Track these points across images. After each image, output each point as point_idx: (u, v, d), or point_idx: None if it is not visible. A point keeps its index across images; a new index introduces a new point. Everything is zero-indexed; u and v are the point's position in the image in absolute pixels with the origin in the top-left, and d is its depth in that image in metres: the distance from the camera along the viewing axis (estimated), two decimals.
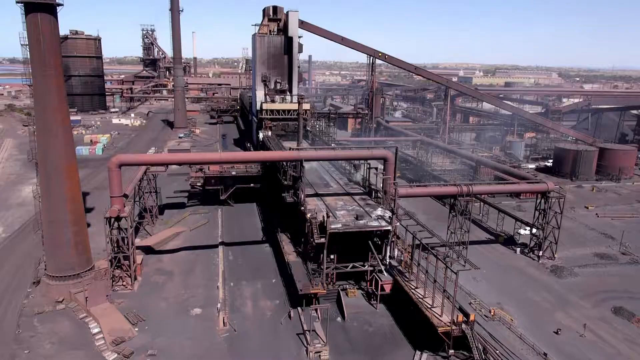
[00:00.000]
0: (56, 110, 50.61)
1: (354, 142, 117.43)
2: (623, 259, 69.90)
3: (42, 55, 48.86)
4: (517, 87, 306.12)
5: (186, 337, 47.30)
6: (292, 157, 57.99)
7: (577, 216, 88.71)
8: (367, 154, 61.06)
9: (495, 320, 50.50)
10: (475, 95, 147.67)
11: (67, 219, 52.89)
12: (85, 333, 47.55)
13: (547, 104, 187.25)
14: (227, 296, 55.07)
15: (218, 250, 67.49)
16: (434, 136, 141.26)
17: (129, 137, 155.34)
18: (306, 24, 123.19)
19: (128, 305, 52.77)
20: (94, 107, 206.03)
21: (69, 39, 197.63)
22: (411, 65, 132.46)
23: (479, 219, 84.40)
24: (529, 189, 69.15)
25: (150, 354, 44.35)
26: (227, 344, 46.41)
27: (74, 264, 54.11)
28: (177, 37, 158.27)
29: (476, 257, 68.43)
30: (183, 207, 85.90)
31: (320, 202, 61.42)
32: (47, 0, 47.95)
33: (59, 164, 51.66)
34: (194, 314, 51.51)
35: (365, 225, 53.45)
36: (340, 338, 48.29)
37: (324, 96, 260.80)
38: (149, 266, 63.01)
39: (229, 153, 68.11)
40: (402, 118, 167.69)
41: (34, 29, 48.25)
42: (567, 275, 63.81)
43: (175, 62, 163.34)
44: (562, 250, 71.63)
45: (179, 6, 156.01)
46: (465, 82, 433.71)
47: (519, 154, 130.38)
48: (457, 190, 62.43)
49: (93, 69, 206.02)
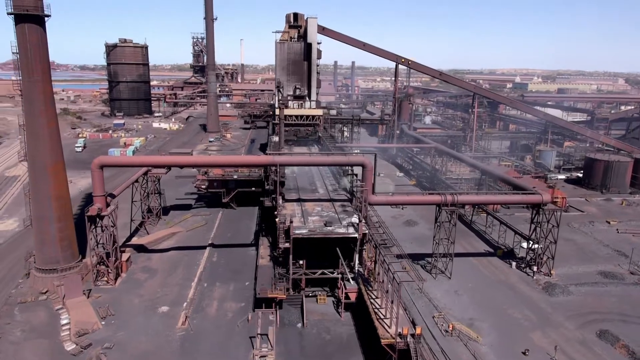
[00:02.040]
0: (42, 113, 54.27)
1: (367, 147, 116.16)
2: (630, 278, 64.70)
3: (30, 62, 52.65)
4: (570, 93, 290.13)
5: (145, 333, 48.97)
6: (267, 162, 58.57)
7: (595, 231, 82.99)
8: (345, 160, 60.51)
9: (454, 336, 48.35)
10: (502, 101, 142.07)
11: (52, 215, 56.39)
12: (56, 323, 50.37)
13: (593, 111, 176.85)
14: (196, 296, 56.40)
15: (205, 251, 69.20)
16: (460, 144, 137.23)
17: (163, 140, 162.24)
18: (327, 30, 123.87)
19: (104, 300, 55.35)
20: (139, 112, 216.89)
21: (118, 47, 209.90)
22: (436, 71, 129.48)
23: (483, 231, 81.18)
24: (520, 200, 65.56)
25: (106, 347, 46.31)
26: (180, 342, 47.60)
27: (59, 258, 57.51)
28: (211, 44, 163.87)
29: (467, 270, 66.17)
30: (189, 209, 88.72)
31: (299, 207, 61.55)
32: (34, 12, 51.70)
33: (45, 164, 55.26)
34: (161, 311, 53.21)
35: (331, 231, 52.99)
36: (294, 344, 48.16)
37: (364, 102, 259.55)
38: (138, 264, 65.70)
39: (204, 157, 69.92)
40: (430, 125, 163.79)
41: (22, 38, 52.15)
42: (559, 294, 59.95)
43: (208, 68, 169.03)
44: (564, 267, 67.46)
45: (213, 15, 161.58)
46: (520, 89, 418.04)
47: (549, 163, 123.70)
48: (441, 200, 60.36)
49: (139, 75, 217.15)
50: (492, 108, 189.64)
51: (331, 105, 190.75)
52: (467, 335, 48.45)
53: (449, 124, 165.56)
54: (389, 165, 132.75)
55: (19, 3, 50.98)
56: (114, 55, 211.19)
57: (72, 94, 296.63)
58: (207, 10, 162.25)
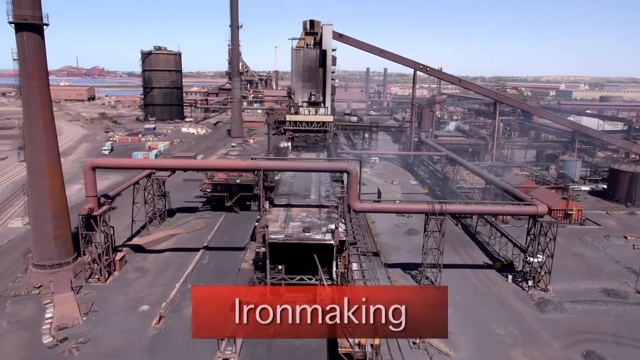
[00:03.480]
0: (39, 116, 57.14)
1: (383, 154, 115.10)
2: (634, 298, 60.85)
3: (27, 68, 55.66)
4: (614, 101, 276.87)
5: (121, 331, 50.39)
6: (251, 167, 59.24)
7: (609, 246, 78.67)
8: (328, 166, 60.35)
9: (422, 349, 46.94)
10: (524, 107, 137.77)
11: (47, 214, 59.11)
12: (40, 317, 52.65)
13: (631, 120, 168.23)
14: (178, 297, 57.53)
15: (198, 253, 70.49)
16: (481, 152, 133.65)
17: (188, 144, 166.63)
18: (344, 37, 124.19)
19: (92, 297, 57.39)
20: (171, 117, 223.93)
21: (152, 54, 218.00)
22: (455, 78, 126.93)
23: (486, 242, 78.60)
24: (513, 211, 63.07)
25: (80, 342, 48.01)
26: (151, 340, 48.71)
27: (53, 255, 60.07)
28: (236, 51, 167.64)
29: (459, 282, 64.26)
30: (194, 212, 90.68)
31: (285, 212, 61.67)
32: (31, 22, 54.72)
33: (41, 165, 58.10)
34: (141, 310, 54.59)
35: (308, 237, 52.78)
36: (261, 348, 48.19)
37: (393, 109, 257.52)
38: (132, 263, 67.74)
39: (189, 160, 71.20)
40: (453, 132, 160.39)
41: (21, 45, 55.24)
42: (552, 311, 57.16)
43: (233, 75, 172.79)
44: (564, 282, 64.32)
45: (238, 22, 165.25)
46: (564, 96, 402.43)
47: (574, 174, 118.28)
48: (428, 209, 58.97)
49: (172, 81, 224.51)
50: (526, 116, 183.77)
51: (355, 112, 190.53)
52: (437, 349, 47.00)
53: (475, 132, 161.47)
54: (406, 173, 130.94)
55: (18, 13, 54.04)
56: (149, 62, 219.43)
57: (113, 99, 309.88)
58: (233, 17, 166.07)
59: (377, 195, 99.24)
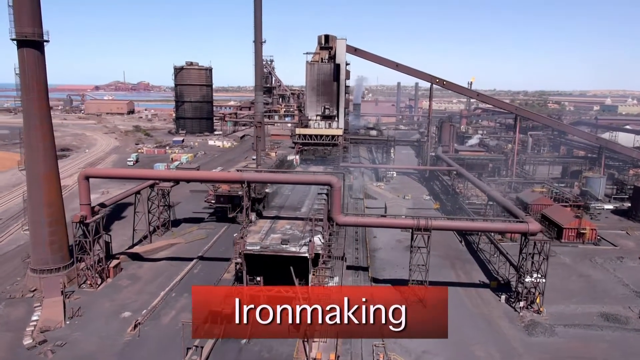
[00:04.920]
0: (37, 127, 60.28)
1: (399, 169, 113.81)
2: (635, 324, 57.01)
3: (27, 81, 59.00)
4: None
5: (98, 336, 51.75)
6: (235, 179, 60.03)
7: (620, 268, 74.26)
8: (312, 179, 60.28)
9: None
10: (545, 122, 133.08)
11: (44, 220, 61.90)
12: (28, 319, 54.84)
13: None
14: (160, 305, 58.54)
15: (191, 263, 71.64)
16: (500, 168, 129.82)
17: (212, 157, 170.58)
18: (359, 51, 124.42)
19: (80, 302, 59.31)
20: (200, 130, 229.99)
21: (184, 69, 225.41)
22: (473, 92, 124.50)
23: (487, 260, 75.90)
24: (503, 228, 60.63)
25: (57, 344, 49.66)
26: (122, 347, 49.72)
27: (48, 260, 62.69)
28: (260, 66, 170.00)
29: (449, 300, 61.95)
30: (199, 222, 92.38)
31: (270, 224, 62.06)
32: (31, 38, 58.13)
33: (39, 173, 61.08)
34: (122, 317, 55.90)
35: (283, 249, 52.91)
36: (229, 358, 48.30)
37: (422, 124, 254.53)
38: (128, 270, 69.64)
39: (174, 171, 72.78)
40: (474, 147, 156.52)
41: (22, 60, 58.69)
42: (540, 334, 54.37)
43: (256, 89, 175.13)
44: (562, 304, 61.18)
45: (262, 38, 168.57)
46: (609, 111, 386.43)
47: (597, 191, 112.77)
48: (414, 224, 57.72)
49: (203, 95, 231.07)
50: (559, 131, 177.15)
51: (378, 126, 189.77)
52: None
53: (499, 147, 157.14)
54: (421, 188, 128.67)
55: (19, 30, 57.57)
56: (181, 77, 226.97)
57: (150, 113, 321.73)
58: (257, 33, 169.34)
59: (384, 209, 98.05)
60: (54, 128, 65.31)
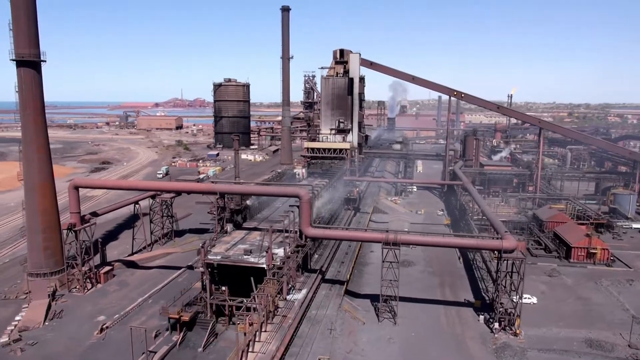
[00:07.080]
0: (33, 141, 64.94)
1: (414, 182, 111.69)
2: (621, 352, 52.52)
3: (24, 99, 63.93)
4: None
5: (68, 337, 54.51)
6: (207, 190, 61.63)
7: (626, 292, 68.80)
8: (281, 191, 60.58)
9: None
10: (572, 136, 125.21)
11: (38, 227, 66.19)
12: (12, 318, 58.70)
13: None
14: (133, 310, 60.68)
15: (178, 271, 73.77)
16: (525, 183, 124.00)
17: (239, 170, 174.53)
18: (375, 65, 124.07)
19: (66, 305, 62.78)
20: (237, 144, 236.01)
21: (222, 86, 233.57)
22: (493, 105, 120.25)
23: (481, 277, 72.66)
24: (475, 244, 57.77)
25: (28, 344, 52.79)
26: (86, 348, 52.02)
27: (42, 265, 66.77)
28: (287, 81, 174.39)
29: (423, 318, 60.61)
30: (203, 233, 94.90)
31: (243, 234, 63.01)
32: (28, 59, 63.14)
33: (34, 184, 65.59)
34: (96, 320, 58.49)
35: (241, 260, 53.56)
36: None
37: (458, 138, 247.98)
38: (120, 277, 72.75)
39: (156, 182, 74.98)
40: (501, 161, 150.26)
41: (20, 79, 63.71)
42: (509, 357, 51.34)
43: (283, 104, 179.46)
44: (545, 327, 57.63)
45: (289, 54, 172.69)
46: None
47: (627, 209, 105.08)
48: (383, 238, 56.57)
49: (240, 110, 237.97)
50: None
51: (406, 140, 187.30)
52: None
53: (528, 162, 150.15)
54: (439, 203, 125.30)
55: (17, 51, 62.68)
56: (219, 93, 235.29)
57: (196, 128, 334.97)
58: (284, 49, 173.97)
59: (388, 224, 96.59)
60: (103, 143, 70.94)
